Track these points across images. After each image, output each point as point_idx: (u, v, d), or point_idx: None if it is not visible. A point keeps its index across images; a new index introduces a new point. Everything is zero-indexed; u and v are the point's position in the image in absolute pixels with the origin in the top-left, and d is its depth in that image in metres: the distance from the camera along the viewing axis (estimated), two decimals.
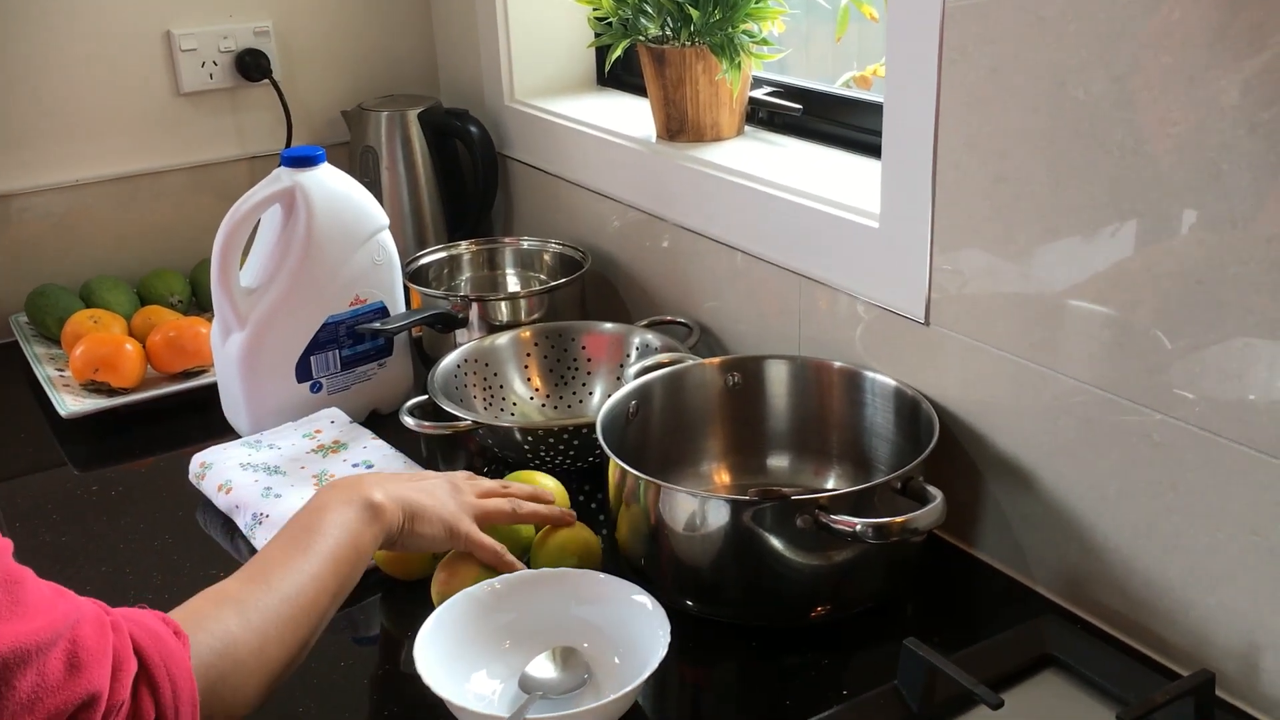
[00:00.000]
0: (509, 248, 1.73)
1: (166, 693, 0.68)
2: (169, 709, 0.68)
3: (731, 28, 1.40)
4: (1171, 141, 0.86)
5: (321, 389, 1.41)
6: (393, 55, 1.97)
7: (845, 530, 0.94)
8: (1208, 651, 0.94)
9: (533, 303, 1.52)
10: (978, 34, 0.99)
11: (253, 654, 0.78)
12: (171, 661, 0.69)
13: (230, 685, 0.75)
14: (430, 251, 1.67)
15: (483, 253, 1.72)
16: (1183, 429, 0.92)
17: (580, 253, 1.63)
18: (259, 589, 0.81)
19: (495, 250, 1.73)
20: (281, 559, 0.85)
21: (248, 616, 0.79)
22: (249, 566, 0.86)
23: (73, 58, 1.72)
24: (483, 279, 1.72)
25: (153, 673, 0.68)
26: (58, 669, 0.62)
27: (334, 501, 0.92)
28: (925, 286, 1.10)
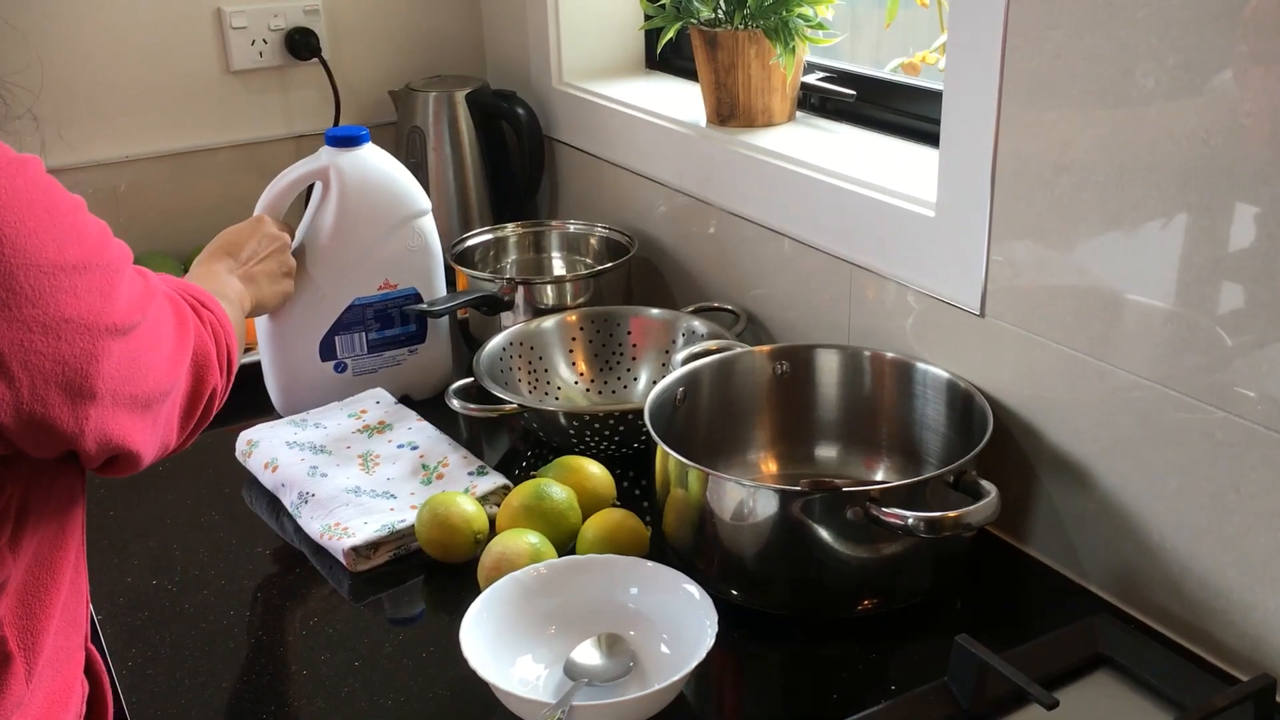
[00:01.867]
0: (555, 231, 1.72)
1: (225, 350, 0.94)
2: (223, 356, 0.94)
3: (786, 11, 1.38)
4: (1243, 132, 0.84)
5: (346, 370, 1.40)
6: (441, 36, 1.96)
7: (896, 524, 0.93)
8: (1267, 656, 0.92)
9: (578, 286, 1.51)
10: (1042, 19, 0.97)
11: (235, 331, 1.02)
12: (229, 333, 0.95)
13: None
14: (477, 233, 1.67)
15: (529, 235, 1.72)
16: (1245, 427, 0.90)
17: (626, 237, 1.62)
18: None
19: (541, 233, 1.72)
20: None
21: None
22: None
23: (124, 35, 1.73)
24: (528, 262, 1.72)
25: (201, 299, 0.95)
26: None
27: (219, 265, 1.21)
28: (981, 277, 1.09)
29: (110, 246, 0.75)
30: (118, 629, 1.05)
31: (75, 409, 0.72)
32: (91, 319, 0.71)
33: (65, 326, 0.69)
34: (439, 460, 1.25)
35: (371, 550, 1.12)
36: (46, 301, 0.68)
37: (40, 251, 0.68)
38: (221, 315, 0.95)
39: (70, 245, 0.70)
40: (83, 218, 0.73)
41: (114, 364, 0.74)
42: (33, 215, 0.68)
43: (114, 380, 0.74)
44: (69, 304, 0.70)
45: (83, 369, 0.71)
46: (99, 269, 0.73)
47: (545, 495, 1.11)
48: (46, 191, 0.70)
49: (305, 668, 0.99)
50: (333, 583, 1.11)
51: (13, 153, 0.70)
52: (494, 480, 1.21)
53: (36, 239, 0.68)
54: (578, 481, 1.16)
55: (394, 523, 1.13)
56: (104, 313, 0.72)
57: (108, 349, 0.73)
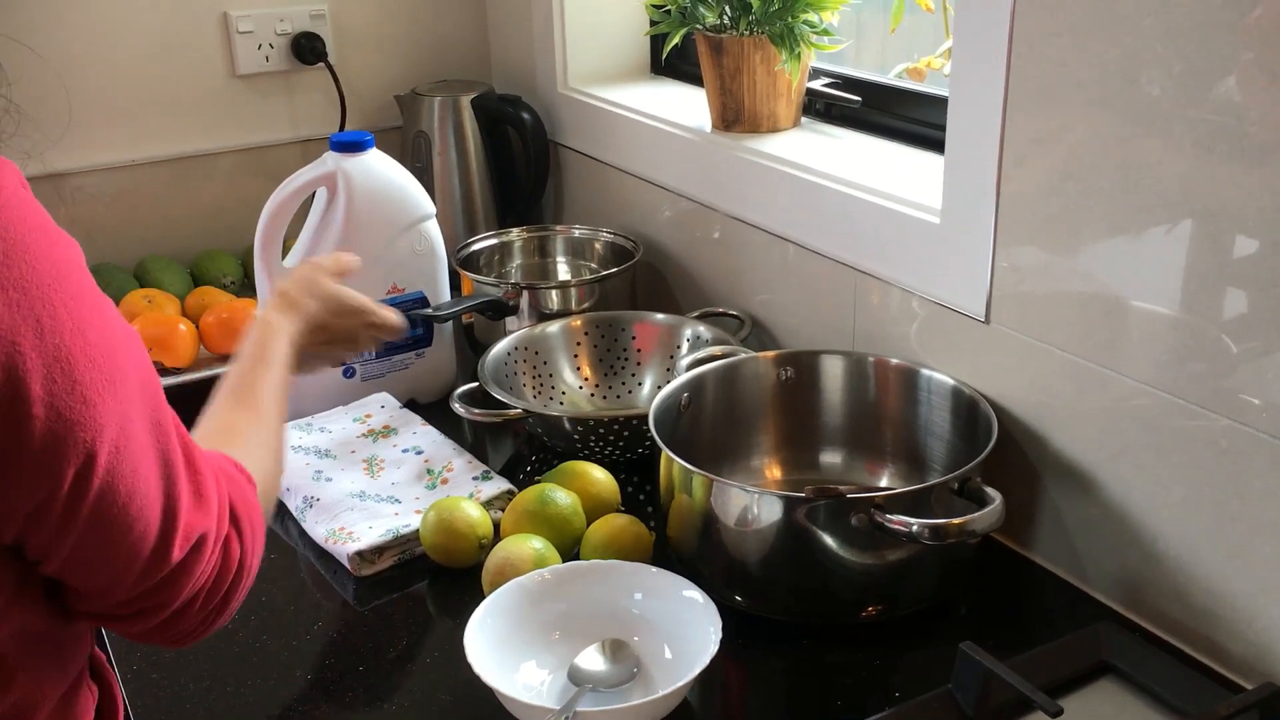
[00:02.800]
0: (560, 235, 1.72)
1: (248, 535, 0.80)
2: (249, 549, 0.80)
3: (791, 17, 1.38)
4: (1249, 140, 0.84)
5: (355, 374, 1.41)
6: (447, 40, 1.97)
7: (901, 530, 0.93)
8: (1272, 664, 0.92)
9: (582, 291, 1.52)
10: (1047, 27, 0.97)
11: (274, 480, 0.91)
12: (251, 509, 0.81)
13: (269, 497, 0.89)
14: (482, 238, 1.67)
15: (533, 240, 1.72)
16: (1250, 435, 0.89)
17: (631, 242, 1.62)
18: (259, 420, 0.95)
19: (546, 238, 1.72)
20: (259, 382, 0.99)
21: (264, 452, 0.92)
22: (238, 394, 0.98)
23: (130, 39, 1.73)
24: (533, 266, 1.72)
25: (239, 516, 0.79)
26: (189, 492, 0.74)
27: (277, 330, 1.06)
28: (987, 284, 1.09)
29: (119, 357, 0.68)
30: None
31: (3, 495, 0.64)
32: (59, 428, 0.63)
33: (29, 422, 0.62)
34: (444, 465, 1.25)
35: (376, 555, 1.12)
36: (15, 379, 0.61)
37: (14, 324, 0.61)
38: (256, 534, 0.82)
39: (60, 333, 0.63)
40: (91, 315, 0.67)
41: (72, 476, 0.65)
42: (20, 286, 0.62)
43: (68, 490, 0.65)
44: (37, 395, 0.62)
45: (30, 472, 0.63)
46: (89, 376, 0.65)
47: (549, 500, 1.11)
48: (58, 272, 0.65)
49: (309, 672, 0.99)
50: (337, 587, 1.11)
51: (50, 225, 0.66)
52: (498, 485, 1.21)
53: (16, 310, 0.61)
54: (582, 487, 1.16)
55: (399, 527, 1.13)
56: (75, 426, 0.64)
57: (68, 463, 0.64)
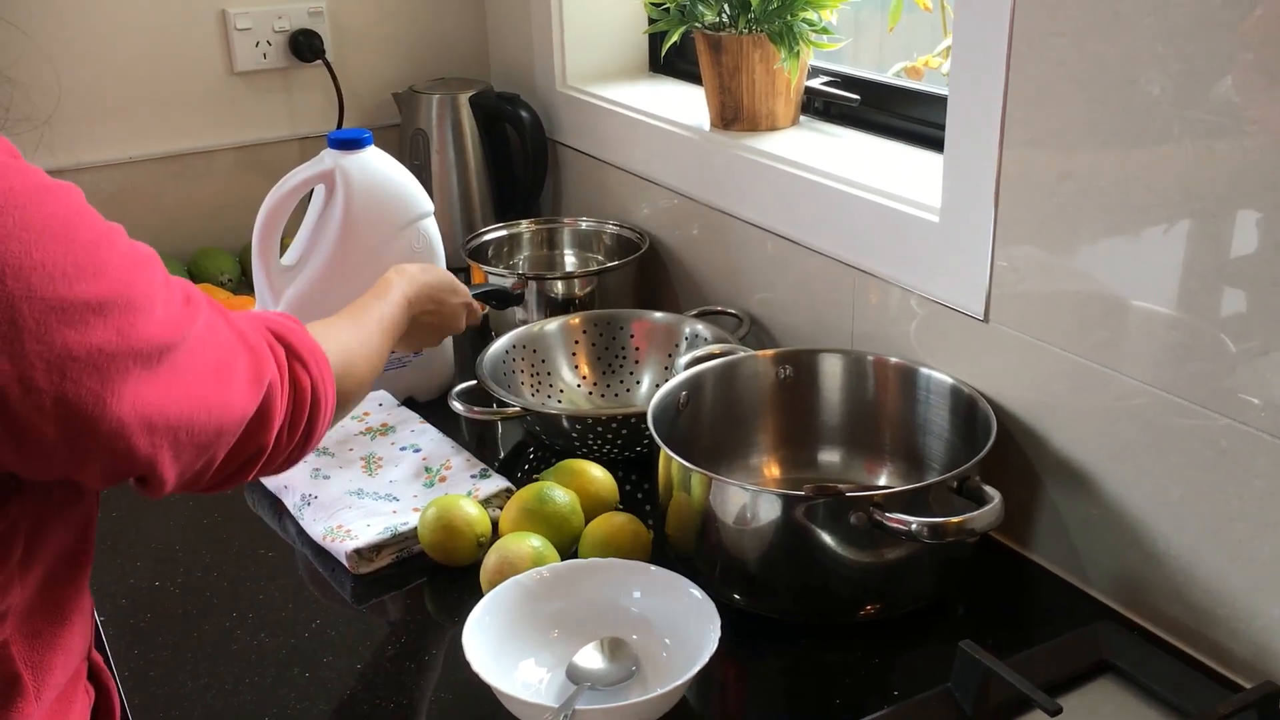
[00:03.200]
0: (567, 228, 1.74)
1: (313, 366, 0.85)
2: (317, 377, 0.85)
3: (790, 15, 1.38)
4: (1248, 140, 0.84)
5: None
6: (445, 38, 1.96)
7: (900, 529, 0.93)
8: (1271, 663, 0.92)
9: (587, 282, 1.54)
10: (1047, 27, 0.97)
11: (355, 368, 0.96)
12: (307, 344, 0.86)
13: (350, 375, 0.94)
14: (491, 229, 1.70)
15: (541, 232, 1.74)
16: (1249, 434, 0.90)
17: (638, 234, 1.63)
18: (357, 321, 1.04)
19: (554, 230, 1.74)
20: (369, 307, 1.09)
21: (351, 344, 0.98)
22: (348, 309, 1.07)
23: (128, 36, 1.73)
24: (541, 258, 1.74)
25: (298, 352, 0.84)
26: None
27: (395, 286, 1.14)
28: (986, 282, 1.09)
29: (138, 281, 0.70)
30: (120, 631, 1.05)
31: (73, 445, 0.68)
32: (102, 360, 0.67)
33: (71, 365, 0.66)
34: (442, 463, 1.25)
35: (374, 553, 1.12)
36: (51, 337, 0.65)
37: (46, 284, 0.65)
38: (322, 367, 0.87)
39: (84, 280, 0.66)
40: (107, 252, 0.69)
41: (130, 400, 0.69)
42: (42, 246, 0.65)
43: (131, 414, 0.69)
44: (76, 342, 0.66)
45: (87, 410, 0.67)
46: (118, 308, 0.68)
47: (548, 499, 1.11)
48: (68, 222, 0.67)
49: (307, 670, 0.99)
50: (335, 585, 1.11)
51: (47, 180, 0.68)
52: (497, 483, 1.21)
53: (43, 270, 0.64)
54: (580, 485, 1.16)
55: (396, 525, 1.13)
56: (118, 353, 0.68)
57: (121, 388, 0.68)
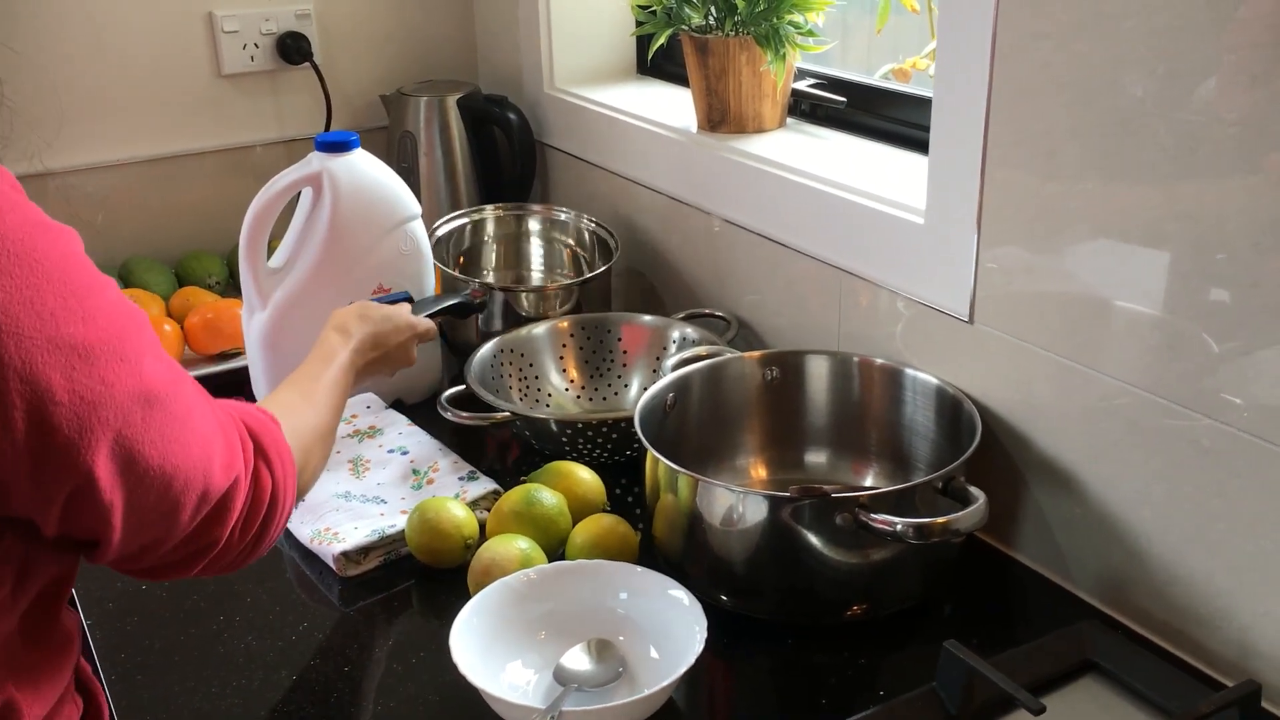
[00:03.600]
0: (537, 216, 1.68)
1: (277, 465, 0.83)
2: (279, 478, 0.83)
3: (777, 18, 1.38)
4: (1230, 141, 0.85)
5: None
6: (433, 41, 1.96)
7: (885, 530, 0.93)
8: (1253, 661, 0.92)
9: (557, 294, 1.50)
10: (1031, 28, 0.97)
11: (312, 453, 0.94)
12: (276, 441, 0.84)
13: (308, 468, 0.92)
14: (453, 218, 1.62)
15: (509, 220, 1.67)
16: (1231, 434, 0.90)
17: (612, 237, 1.59)
18: (310, 402, 1.00)
19: (522, 217, 1.68)
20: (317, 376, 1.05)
21: (306, 428, 0.95)
22: (294, 380, 1.04)
23: (115, 38, 1.72)
24: (509, 253, 1.68)
25: (265, 450, 0.83)
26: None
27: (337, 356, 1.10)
28: (970, 284, 1.09)
29: (128, 335, 0.69)
30: (107, 634, 1.05)
31: (40, 487, 0.67)
32: (83, 408, 0.66)
33: (52, 408, 0.65)
34: (429, 465, 1.25)
35: (361, 555, 1.12)
36: (35, 376, 0.64)
37: (35, 323, 0.64)
38: (286, 470, 0.84)
39: (74, 323, 0.66)
40: (99, 299, 0.68)
41: (105, 451, 0.68)
42: (35, 284, 0.64)
43: (103, 465, 0.68)
44: (60, 384, 0.65)
45: (60, 455, 0.66)
46: (105, 356, 0.67)
47: (535, 501, 1.11)
48: (64, 263, 0.66)
49: (294, 673, 0.99)
50: (322, 588, 1.11)
51: (46, 219, 0.67)
52: (484, 485, 1.21)
53: (33, 308, 0.64)
54: (568, 487, 1.16)
55: (384, 528, 1.13)
56: (100, 402, 0.67)
57: (98, 438, 0.67)
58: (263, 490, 0.81)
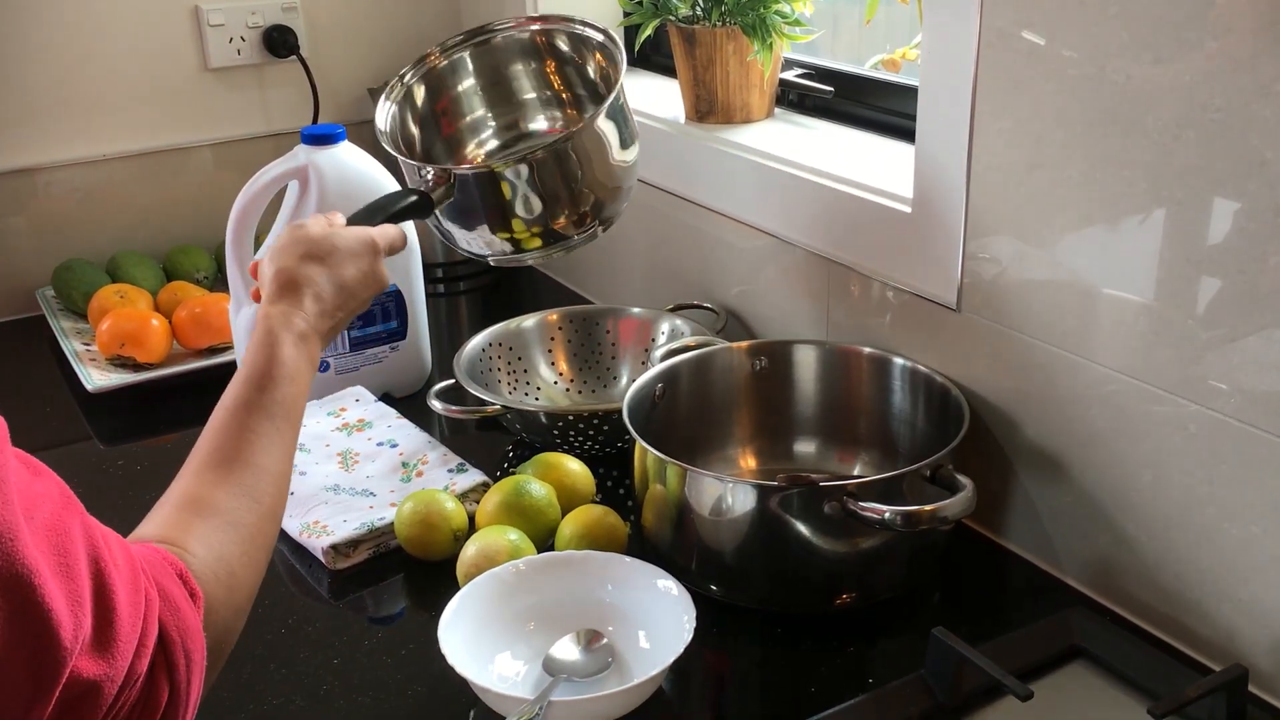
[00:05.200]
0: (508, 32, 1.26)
1: (181, 670, 0.64)
2: (181, 685, 0.64)
3: (763, 8, 1.38)
4: (1215, 128, 0.85)
5: (329, 368, 1.40)
6: (420, 32, 1.96)
7: (873, 518, 0.94)
8: (1240, 646, 0.93)
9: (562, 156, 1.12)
10: (1017, 17, 0.97)
11: (247, 573, 0.75)
12: (189, 636, 0.65)
13: (230, 620, 0.73)
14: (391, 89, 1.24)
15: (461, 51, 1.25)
16: (1218, 420, 0.90)
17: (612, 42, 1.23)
18: (241, 490, 0.77)
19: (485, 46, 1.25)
20: (249, 433, 0.80)
21: (240, 536, 0.75)
22: (219, 448, 0.79)
23: (101, 32, 1.72)
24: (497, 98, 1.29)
25: (170, 650, 0.64)
26: (89, 637, 0.58)
27: (281, 340, 0.87)
28: (957, 272, 1.09)
29: None
30: None
31: None
32: None
33: None
34: (418, 458, 1.25)
35: (351, 548, 1.12)
36: None
37: None
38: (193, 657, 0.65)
39: None
40: None
41: None
42: None
43: None
44: None
45: None
46: None
47: (524, 492, 1.11)
48: None
49: (284, 666, 0.99)
50: (312, 581, 1.11)
51: None
52: (474, 477, 1.21)
53: None
54: (557, 478, 1.16)
55: (373, 520, 1.13)
56: None
57: None
58: (156, 700, 0.63)
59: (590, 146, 1.13)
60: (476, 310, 1.80)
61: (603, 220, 1.18)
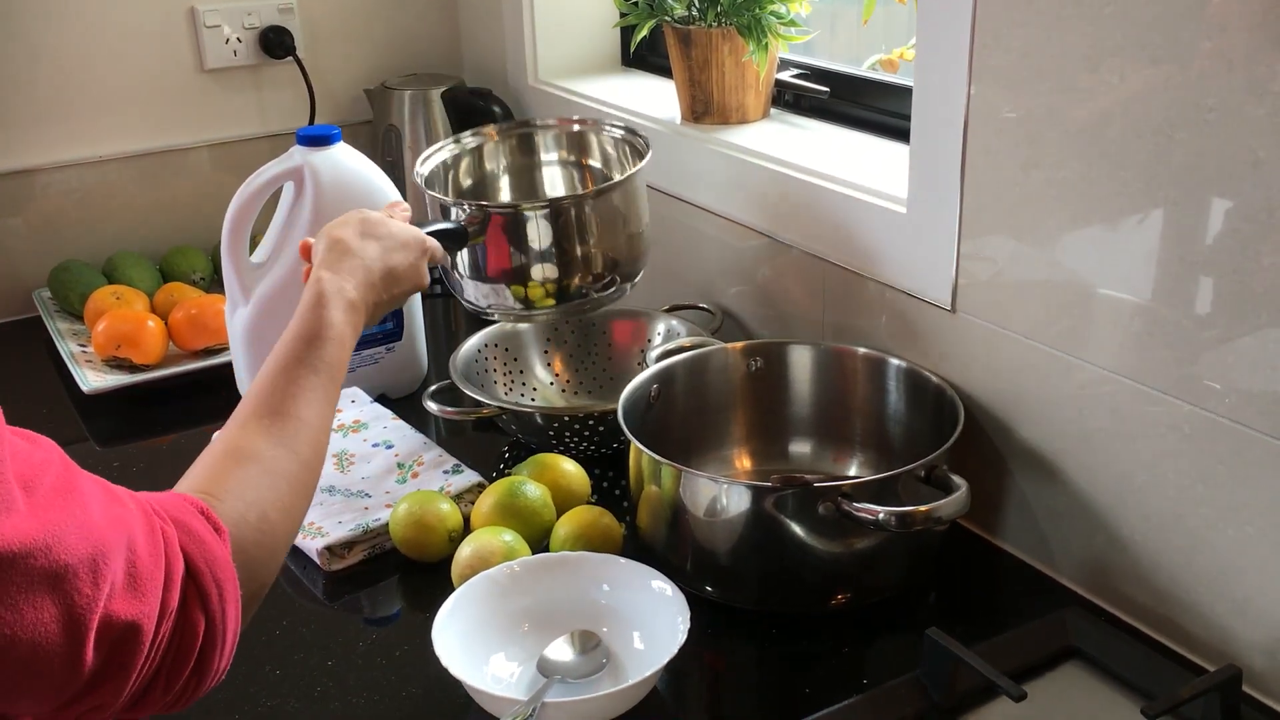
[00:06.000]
0: (549, 132, 1.44)
1: (214, 599, 0.66)
2: (216, 615, 0.66)
3: (759, 8, 1.38)
4: (1208, 128, 0.85)
5: None
6: (416, 34, 1.96)
7: (868, 518, 0.93)
8: (1234, 646, 0.93)
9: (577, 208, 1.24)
10: (1011, 17, 0.97)
11: (283, 519, 0.77)
12: (216, 566, 0.67)
13: (264, 559, 0.74)
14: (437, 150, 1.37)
15: (512, 141, 1.43)
16: (1212, 420, 0.90)
17: (639, 138, 1.35)
18: (282, 440, 0.80)
19: (529, 137, 1.43)
20: (294, 387, 0.84)
21: (277, 483, 0.77)
22: (264, 400, 0.83)
23: (98, 33, 1.72)
24: (523, 180, 1.44)
25: (200, 581, 0.65)
26: (120, 581, 0.61)
27: (331, 304, 0.91)
28: (952, 273, 1.09)
29: None
30: None
31: None
32: None
33: None
34: (414, 459, 1.25)
35: (345, 549, 1.12)
36: None
37: None
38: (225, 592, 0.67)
39: None
40: None
41: None
42: None
43: None
44: None
45: None
46: None
47: (519, 493, 1.11)
48: None
49: (279, 667, 0.99)
50: (307, 582, 1.11)
51: None
52: (469, 478, 1.21)
53: None
54: (552, 479, 1.16)
55: (368, 522, 1.13)
56: None
57: None
58: (192, 631, 0.65)
59: (618, 204, 1.27)
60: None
61: (611, 285, 1.29)
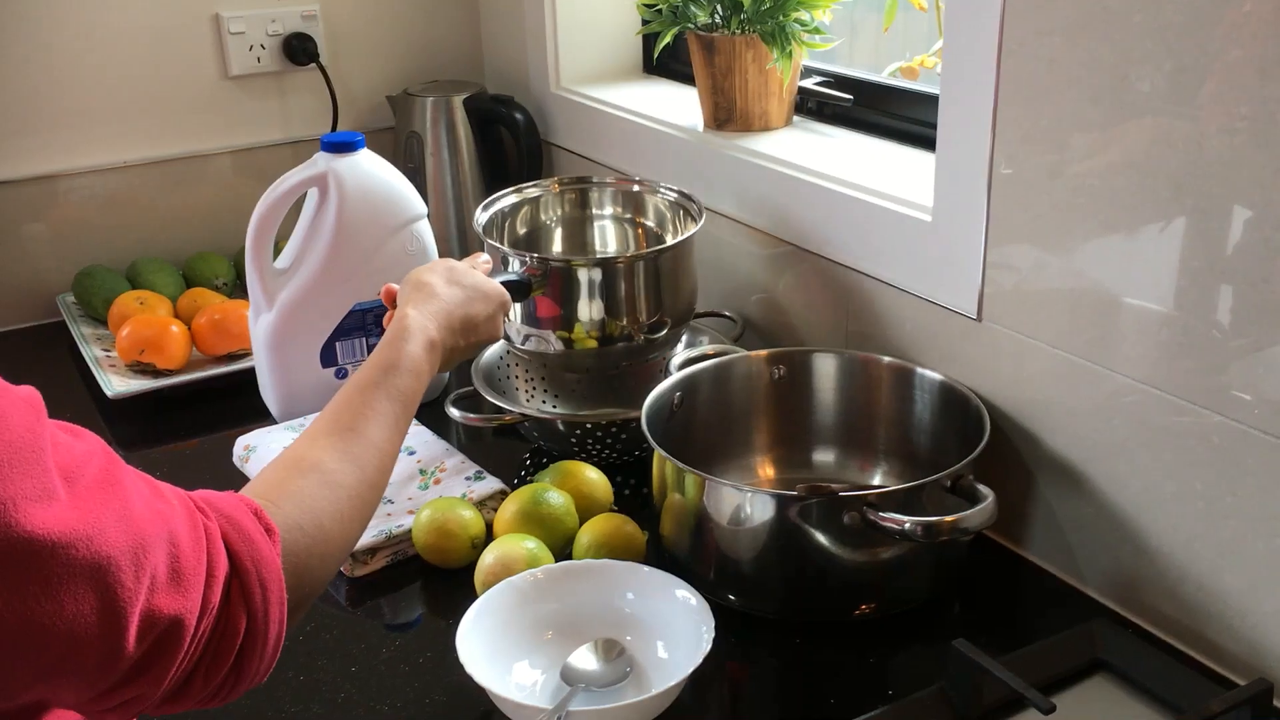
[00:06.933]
0: (607, 190, 1.46)
1: (257, 599, 0.66)
2: (259, 614, 0.66)
3: (783, 16, 1.38)
4: (1238, 136, 0.84)
5: (346, 375, 1.40)
6: (439, 41, 1.96)
7: (894, 528, 0.93)
8: (1264, 660, 0.92)
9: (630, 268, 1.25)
10: (1038, 25, 0.97)
11: (339, 529, 0.77)
12: (263, 565, 0.67)
13: (315, 567, 0.74)
14: (501, 196, 1.40)
15: (570, 192, 1.46)
16: (1242, 431, 0.90)
17: (693, 202, 1.35)
18: (347, 455, 0.81)
19: (585, 192, 1.46)
20: (366, 409, 0.86)
21: (337, 494, 0.78)
22: (335, 418, 0.85)
23: (122, 39, 1.73)
24: (575, 229, 1.47)
25: (245, 579, 0.66)
26: (163, 574, 0.61)
27: (413, 339, 0.94)
28: (978, 281, 1.09)
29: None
30: None
31: None
32: None
33: None
34: (436, 465, 1.25)
35: (368, 555, 1.12)
36: None
37: None
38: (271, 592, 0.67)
39: None
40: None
41: None
42: None
43: None
44: None
45: None
46: None
47: (542, 500, 1.11)
48: None
49: (302, 673, 0.99)
50: (329, 588, 1.11)
51: None
52: (491, 485, 1.21)
53: None
54: (575, 486, 1.15)
55: (391, 528, 1.13)
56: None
57: None
58: (233, 627, 0.65)
59: (670, 265, 1.29)
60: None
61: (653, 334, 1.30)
